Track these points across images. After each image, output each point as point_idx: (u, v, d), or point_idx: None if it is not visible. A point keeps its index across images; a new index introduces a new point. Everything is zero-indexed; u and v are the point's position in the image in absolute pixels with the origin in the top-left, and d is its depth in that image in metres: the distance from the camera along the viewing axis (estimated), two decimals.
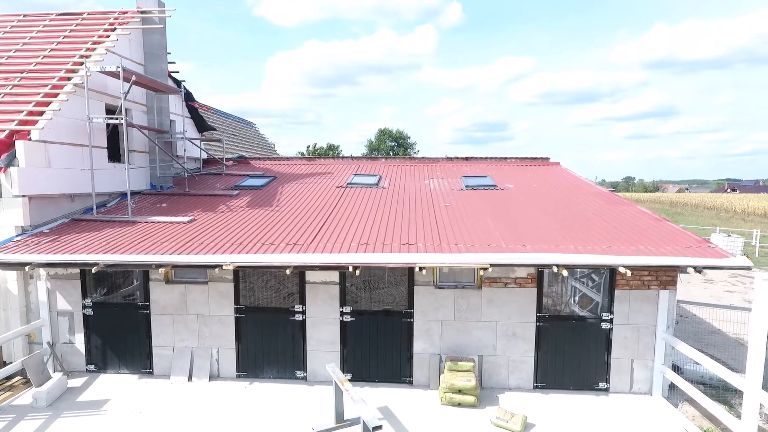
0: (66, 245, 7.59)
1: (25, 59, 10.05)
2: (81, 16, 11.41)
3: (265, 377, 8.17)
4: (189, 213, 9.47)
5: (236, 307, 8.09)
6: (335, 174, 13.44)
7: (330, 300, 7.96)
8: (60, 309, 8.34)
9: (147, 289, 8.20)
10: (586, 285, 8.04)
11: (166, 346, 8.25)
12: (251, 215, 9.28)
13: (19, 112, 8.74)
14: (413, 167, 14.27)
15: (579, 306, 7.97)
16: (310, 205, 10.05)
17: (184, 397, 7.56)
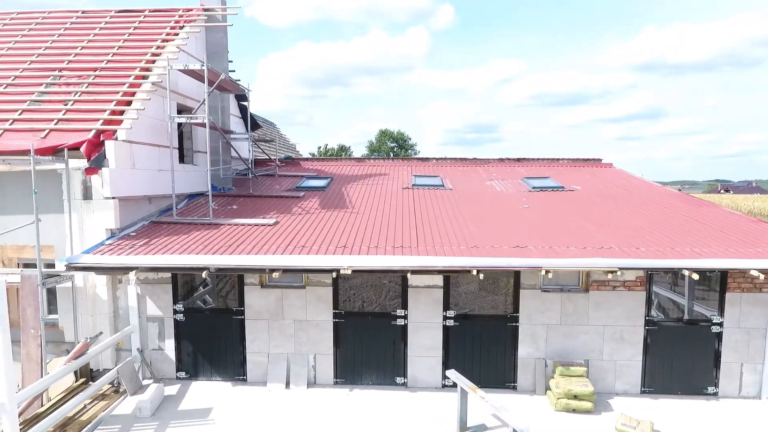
0: (161, 248, 7.34)
1: (95, 57, 9.76)
2: (143, 14, 11.13)
3: (363, 383, 7.97)
4: (266, 215, 9.24)
5: (335, 312, 7.87)
6: (391, 175, 13.26)
7: (433, 304, 7.78)
8: (150, 314, 8.07)
9: (241, 293, 7.96)
10: (691, 289, 7.94)
11: (260, 353, 8.02)
12: (333, 217, 9.07)
13: (100, 111, 8.47)
14: (465, 168, 14.13)
15: (687, 310, 7.86)
16: (386, 207, 9.87)
17: (287, 406, 7.33)
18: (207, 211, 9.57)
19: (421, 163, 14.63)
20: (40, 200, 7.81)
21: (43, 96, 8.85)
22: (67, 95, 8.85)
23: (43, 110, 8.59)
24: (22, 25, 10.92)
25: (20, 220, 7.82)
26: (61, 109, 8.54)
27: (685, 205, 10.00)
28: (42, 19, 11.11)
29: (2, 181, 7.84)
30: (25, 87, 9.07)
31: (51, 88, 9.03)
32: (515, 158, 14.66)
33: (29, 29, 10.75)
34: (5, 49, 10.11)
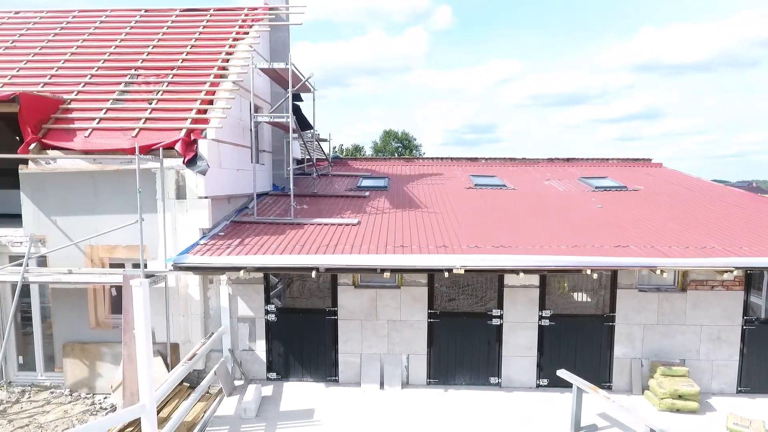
0: (257, 247, 7.30)
1: (168, 56, 9.68)
2: (208, 12, 11.05)
3: (457, 384, 7.93)
4: (341, 214, 9.20)
5: (430, 312, 7.83)
6: (445, 175, 13.23)
7: (529, 304, 7.76)
8: (240, 315, 8.01)
9: (335, 293, 7.91)
10: None
11: (353, 353, 7.97)
12: (411, 216, 9.03)
13: (185, 110, 8.40)
14: (515, 168, 14.11)
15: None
16: (459, 206, 9.83)
17: (385, 406, 7.28)
18: (281, 211, 9.54)
19: (470, 163, 14.60)
20: (133, 200, 7.76)
21: (124, 95, 8.78)
22: (149, 94, 8.78)
23: (127, 109, 8.52)
24: (86, 23, 10.82)
25: (112, 219, 7.76)
26: (145, 108, 8.47)
27: (760, 204, 10.01)
28: (105, 18, 11.02)
29: (95, 181, 7.75)
30: (103, 86, 8.99)
31: (130, 87, 8.96)
32: (564, 158, 14.66)
33: (94, 27, 10.66)
34: (74, 47, 10.02)
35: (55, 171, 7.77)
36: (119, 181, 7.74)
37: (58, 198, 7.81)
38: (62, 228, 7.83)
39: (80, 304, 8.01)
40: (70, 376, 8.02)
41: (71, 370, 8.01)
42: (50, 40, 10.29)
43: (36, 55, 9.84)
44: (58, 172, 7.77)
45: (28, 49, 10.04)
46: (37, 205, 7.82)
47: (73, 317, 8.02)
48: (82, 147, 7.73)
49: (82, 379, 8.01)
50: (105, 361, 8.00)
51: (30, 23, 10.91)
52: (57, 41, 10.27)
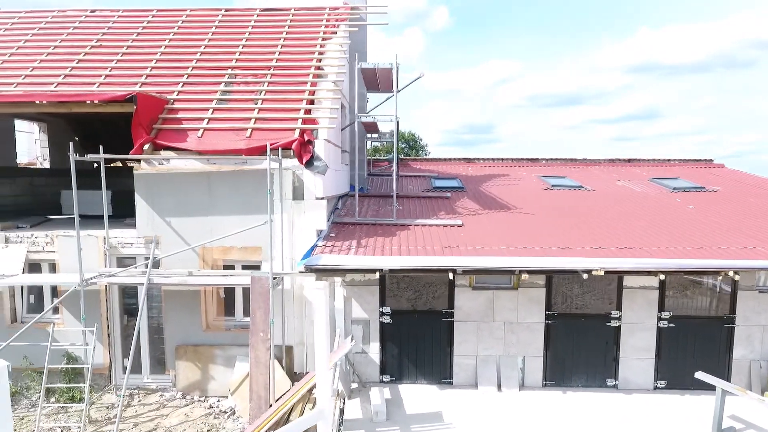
0: (376, 248, 7.23)
1: (261, 56, 9.60)
2: (290, 12, 10.98)
3: (573, 385, 7.88)
4: (436, 215, 9.15)
5: (547, 314, 7.79)
6: (511, 176, 13.21)
7: (647, 305, 7.72)
8: (354, 317, 7.94)
9: (451, 295, 7.86)
10: None
11: (468, 355, 7.91)
12: (509, 218, 9.00)
13: (291, 110, 8.33)
14: (577, 169, 14.10)
15: None
16: (548, 208, 9.80)
17: (509, 409, 7.21)
18: (374, 212, 9.48)
19: (531, 164, 14.57)
20: (248, 201, 7.70)
21: (227, 95, 8.70)
22: (251, 94, 8.70)
23: (233, 109, 8.44)
24: (167, 23, 10.73)
25: (228, 220, 7.69)
26: (251, 108, 8.39)
27: None
28: (186, 17, 10.93)
29: (210, 181, 7.67)
30: (202, 86, 8.92)
31: (230, 86, 8.89)
32: (626, 159, 14.63)
33: (178, 27, 10.58)
34: (162, 47, 9.94)
35: (171, 171, 7.69)
36: (235, 182, 7.67)
37: (172, 199, 7.72)
38: (176, 229, 7.75)
39: (192, 306, 7.93)
40: (182, 378, 7.93)
41: (183, 373, 7.92)
42: (134, 40, 10.21)
43: (124, 55, 9.75)
44: (173, 172, 7.69)
45: (114, 49, 9.94)
46: (151, 206, 7.74)
47: (186, 319, 7.93)
48: (197, 147, 7.64)
49: (194, 381, 7.92)
50: (217, 363, 7.91)
51: (109, 22, 10.82)
52: (142, 41, 10.19)
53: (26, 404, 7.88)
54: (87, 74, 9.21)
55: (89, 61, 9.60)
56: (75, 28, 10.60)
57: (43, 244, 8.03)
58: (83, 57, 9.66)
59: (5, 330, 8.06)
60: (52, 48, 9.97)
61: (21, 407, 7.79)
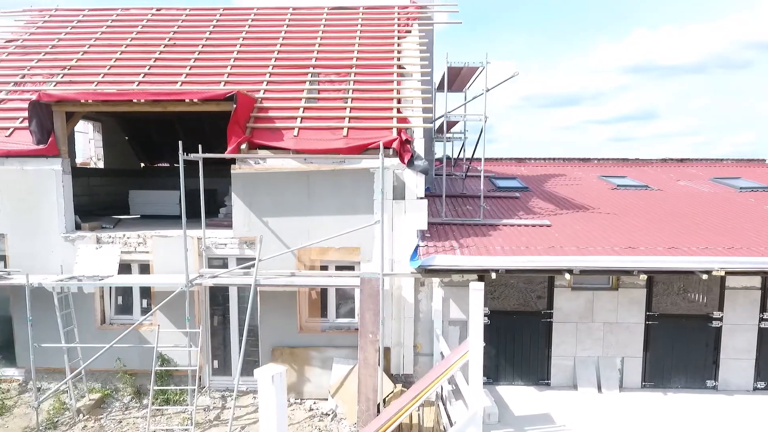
0: (479, 248, 7.17)
1: (339, 54, 9.51)
2: (359, 11, 10.90)
3: (671, 387, 7.82)
4: (515, 215, 9.10)
5: (648, 314, 7.73)
6: (568, 175, 13.15)
7: (750, 306, 7.67)
8: (452, 318, 7.87)
9: (551, 295, 7.79)
10: None
11: (566, 356, 7.84)
12: (595, 218, 8.95)
13: (383, 109, 8.25)
14: (631, 169, 14.03)
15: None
16: (627, 207, 9.75)
17: (614, 410, 7.16)
18: (453, 212, 9.41)
19: (583, 164, 14.52)
20: (347, 201, 7.62)
21: (314, 93, 8.62)
22: (338, 93, 8.62)
23: (324, 108, 8.35)
24: (238, 22, 10.64)
25: (326, 220, 7.60)
26: (342, 107, 8.31)
27: None
28: (254, 16, 10.85)
29: (309, 181, 7.58)
30: (286, 84, 8.82)
31: (315, 85, 8.80)
32: (677, 159, 14.61)
33: (248, 26, 10.49)
34: (237, 46, 9.84)
35: (268, 171, 7.60)
36: (334, 182, 7.58)
37: (270, 199, 7.63)
38: (273, 229, 7.66)
39: (287, 307, 7.83)
40: None
41: None
42: (207, 39, 10.10)
43: (200, 54, 9.64)
44: (270, 172, 7.60)
45: (189, 47, 9.84)
46: (248, 206, 7.64)
47: (280, 321, 7.83)
48: (296, 146, 7.56)
49: (290, 384, 7.81)
50: (313, 365, 7.82)
51: (178, 21, 10.72)
52: (215, 39, 10.08)
53: (119, 406, 7.78)
54: (166, 73, 9.11)
55: (165, 59, 9.50)
56: (143, 27, 10.50)
57: (135, 244, 7.93)
58: (158, 56, 9.57)
59: (95, 332, 7.95)
60: (123, 47, 9.86)
61: (114, 410, 7.69)
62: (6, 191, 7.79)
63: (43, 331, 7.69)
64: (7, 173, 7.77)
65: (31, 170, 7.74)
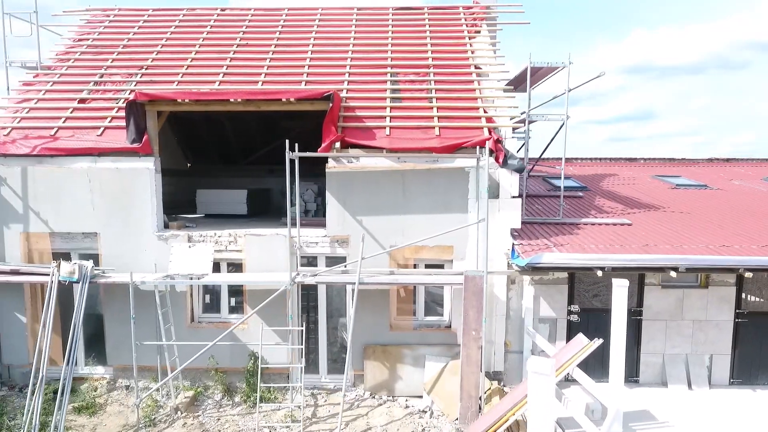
0: (574, 246, 7.26)
1: (413, 54, 9.55)
2: (423, 11, 10.95)
3: (759, 383, 7.91)
4: (591, 215, 9.18)
5: (737, 312, 7.82)
6: (620, 175, 13.23)
7: None
8: (542, 316, 7.94)
9: (641, 293, 7.86)
10: None
11: (655, 354, 7.91)
12: (671, 216, 9.05)
13: (468, 108, 8.31)
14: (680, 168, 14.12)
15: None
16: (694, 206, 9.85)
17: (711, 407, 7.22)
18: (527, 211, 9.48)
19: (630, 164, 14.61)
20: (440, 200, 7.69)
21: (397, 93, 8.67)
22: (421, 92, 8.68)
23: (409, 107, 8.40)
24: (305, 22, 10.67)
25: (421, 219, 7.66)
26: (428, 106, 8.36)
27: None
28: (321, 16, 10.88)
29: (404, 180, 7.64)
30: (367, 84, 8.85)
31: (397, 85, 8.85)
32: (724, 158, 14.73)
33: (317, 26, 10.53)
34: (309, 45, 9.89)
35: (363, 169, 7.66)
36: (429, 181, 7.64)
37: (364, 197, 7.68)
38: (367, 228, 7.71)
39: (378, 305, 7.88)
40: (369, 378, 7.87)
41: (371, 373, 7.87)
42: (278, 38, 10.15)
43: (274, 53, 9.68)
44: (366, 171, 7.65)
45: (263, 47, 9.88)
46: (342, 205, 7.70)
47: (371, 319, 7.88)
48: (390, 145, 7.62)
49: (381, 381, 7.88)
50: (405, 363, 7.87)
51: (245, 21, 10.75)
52: (286, 39, 10.12)
53: (212, 404, 7.82)
54: (244, 72, 9.16)
55: (240, 59, 9.54)
56: (212, 27, 10.53)
57: (226, 243, 7.97)
58: (233, 56, 9.61)
59: (185, 330, 7.99)
60: (197, 47, 9.89)
61: (209, 407, 7.73)
62: (99, 190, 7.83)
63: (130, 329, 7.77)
64: (100, 172, 7.81)
65: (126, 169, 7.78)
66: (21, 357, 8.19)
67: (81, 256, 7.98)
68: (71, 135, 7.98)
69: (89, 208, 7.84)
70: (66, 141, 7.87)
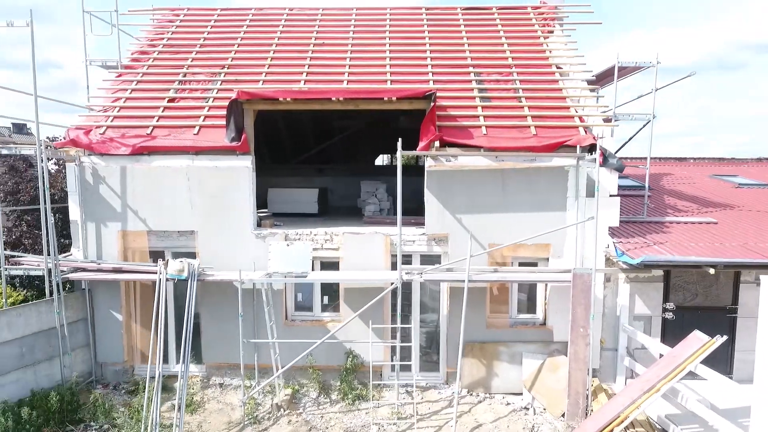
0: (673, 245, 7.33)
1: (492, 54, 9.60)
2: (492, 11, 11.01)
3: None
4: (667, 213, 9.27)
5: None
6: (676, 175, 13.28)
7: None
8: (636, 313, 7.99)
9: (736, 291, 7.94)
10: None
11: (749, 351, 7.98)
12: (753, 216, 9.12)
13: (558, 108, 8.38)
14: (731, 167, 14.18)
15: None
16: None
17: None
18: None
19: (679, 163, 14.69)
20: (538, 198, 7.75)
21: (484, 93, 8.72)
22: (508, 92, 8.73)
23: (499, 107, 8.44)
24: (376, 21, 10.72)
25: (519, 217, 7.72)
26: (518, 105, 8.41)
27: None
28: (391, 15, 10.93)
29: (504, 179, 7.69)
30: (453, 83, 8.89)
31: (482, 84, 8.90)
32: (761, 158, 14.83)
33: (389, 25, 10.57)
34: (386, 44, 9.93)
35: (463, 168, 7.71)
36: (528, 179, 7.70)
37: (464, 196, 7.73)
38: (466, 226, 7.76)
39: (474, 303, 7.92)
40: (466, 375, 7.92)
41: (468, 370, 7.91)
42: (353, 38, 10.18)
43: (353, 52, 9.71)
44: (465, 170, 7.71)
45: (339, 47, 9.92)
46: (442, 204, 7.75)
47: (469, 317, 7.91)
48: (489, 144, 7.67)
49: (478, 379, 7.92)
50: (502, 360, 7.92)
51: (316, 20, 10.79)
52: (361, 38, 10.17)
53: (310, 402, 7.84)
54: (327, 72, 9.21)
55: (319, 59, 9.58)
56: (284, 26, 10.57)
57: (322, 241, 8.01)
58: (312, 55, 9.65)
59: (282, 328, 8.01)
60: (274, 46, 9.93)
61: (308, 405, 7.75)
62: (197, 188, 7.87)
63: (228, 327, 7.83)
64: (198, 171, 7.84)
65: (225, 167, 7.81)
66: (115, 355, 8.22)
67: (174, 255, 8.01)
68: (168, 134, 8.01)
69: (187, 207, 7.87)
70: (164, 140, 7.90)
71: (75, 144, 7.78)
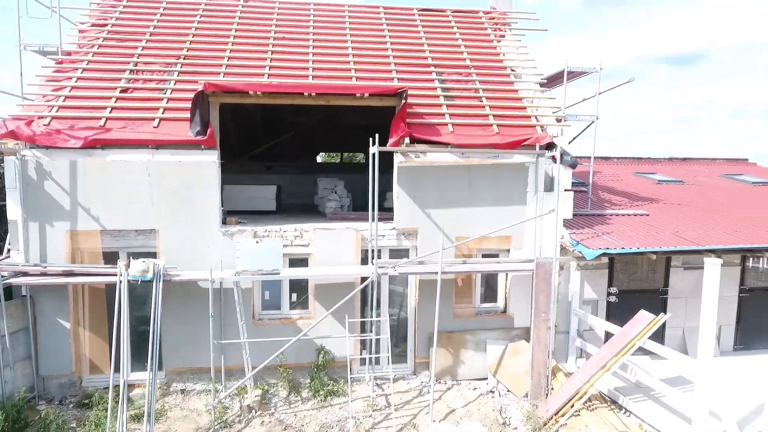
0: (624, 237, 8.15)
1: (450, 55, 9.94)
2: (446, 13, 11.37)
3: (758, 348, 9.29)
4: (612, 207, 10.22)
5: (741, 288, 9.14)
6: (604, 172, 14.57)
7: None
8: (585, 298, 8.71)
9: (667, 275, 8.92)
10: None
11: (676, 327, 9.02)
12: (684, 210, 10.29)
13: (515, 108, 8.89)
14: (644, 166, 15.79)
15: None
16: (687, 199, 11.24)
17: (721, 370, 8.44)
18: None
19: (606, 162, 16.09)
20: (503, 193, 8.22)
21: (447, 92, 9.03)
22: (470, 92, 9.11)
23: (461, 105, 8.79)
24: (335, 16, 10.68)
25: (485, 211, 8.14)
26: (479, 105, 8.82)
27: None
28: (350, 12, 10.92)
29: (471, 175, 8.05)
30: (417, 81, 9.09)
31: (444, 84, 9.21)
32: (681, 158, 16.68)
33: (349, 22, 10.56)
34: (348, 41, 9.94)
35: (432, 164, 7.96)
36: (493, 175, 8.13)
37: (433, 191, 8.00)
38: (435, 220, 8.03)
39: (443, 295, 8.19)
40: (436, 365, 8.19)
41: (437, 359, 8.18)
42: (314, 32, 10.08)
43: (314, 48, 9.64)
44: (434, 165, 7.97)
45: (300, 41, 9.78)
46: (412, 199, 7.96)
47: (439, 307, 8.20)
48: (456, 141, 7.99)
49: (446, 367, 8.24)
50: (468, 348, 8.30)
51: (274, 12, 10.53)
52: (322, 33, 10.08)
53: (280, 401, 7.72)
54: (290, 66, 9.07)
55: (281, 53, 9.39)
56: (241, 18, 10.20)
57: (292, 237, 7.91)
58: (273, 48, 9.45)
59: (251, 328, 7.80)
60: (231, 38, 9.58)
61: (279, 404, 7.63)
62: (158, 184, 7.45)
63: (192, 330, 7.56)
64: (159, 166, 7.42)
65: (189, 162, 7.46)
66: (62, 366, 7.56)
67: (131, 255, 7.51)
68: (124, 126, 7.49)
69: (147, 204, 7.43)
70: (120, 132, 7.38)
71: (14, 136, 7.04)
